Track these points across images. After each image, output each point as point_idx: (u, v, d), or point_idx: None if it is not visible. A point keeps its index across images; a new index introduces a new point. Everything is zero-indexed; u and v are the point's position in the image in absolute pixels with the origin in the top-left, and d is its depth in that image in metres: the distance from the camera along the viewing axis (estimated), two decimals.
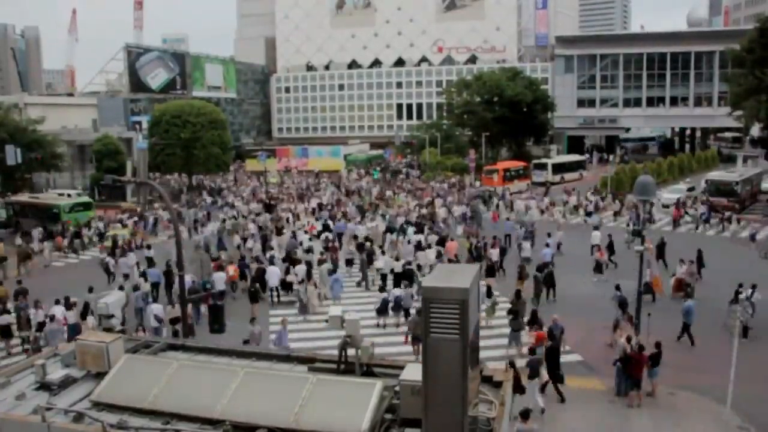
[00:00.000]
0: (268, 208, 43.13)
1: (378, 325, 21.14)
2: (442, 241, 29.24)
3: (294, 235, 32.08)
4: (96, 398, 7.38)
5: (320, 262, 26.18)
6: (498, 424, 6.73)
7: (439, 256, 26.88)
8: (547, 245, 27.94)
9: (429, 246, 28.58)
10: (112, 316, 17.88)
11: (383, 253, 28.27)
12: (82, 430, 6.79)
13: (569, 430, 14.22)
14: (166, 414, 6.97)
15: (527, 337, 18.91)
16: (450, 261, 26.01)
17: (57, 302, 20.41)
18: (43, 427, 6.76)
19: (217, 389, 7.15)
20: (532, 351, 17.13)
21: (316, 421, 6.56)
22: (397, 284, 23.44)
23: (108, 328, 15.61)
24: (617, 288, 20.44)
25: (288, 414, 6.68)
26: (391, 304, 21.26)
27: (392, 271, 24.77)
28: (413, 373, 6.56)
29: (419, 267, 26.11)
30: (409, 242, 29.38)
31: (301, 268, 24.45)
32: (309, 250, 28.30)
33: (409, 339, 18.80)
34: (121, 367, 7.77)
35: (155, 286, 24.68)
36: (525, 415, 12.00)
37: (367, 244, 29.02)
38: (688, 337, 19.12)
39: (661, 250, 27.54)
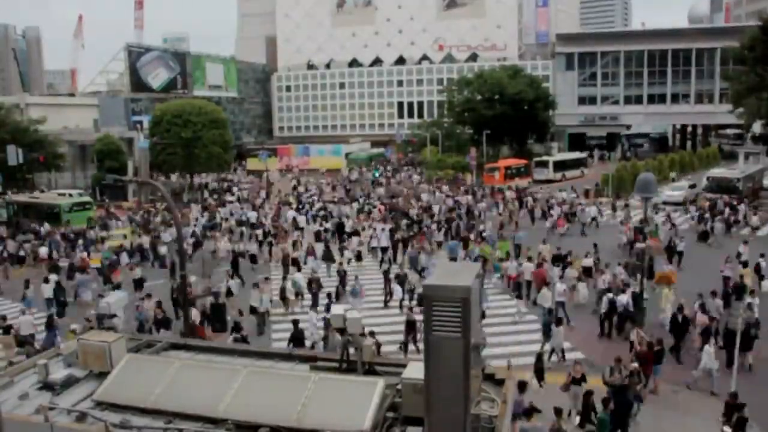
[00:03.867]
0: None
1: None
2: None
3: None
4: (99, 398, 7.38)
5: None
6: (500, 422, 6.73)
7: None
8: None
9: None
10: (114, 315, 17.90)
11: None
12: (85, 429, 6.79)
13: (571, 426, 14.20)
14: (168, 413, 6.96)
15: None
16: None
17: None
18: (46, 426, 6.75)
19: (220, 388, 7.15)
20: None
21: (318, 419, 6.56)
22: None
23: (110, 328, 15.62)
24: None
25: (290, 413, 6.68)
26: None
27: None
28: (415, 371, 6.55)
29: None
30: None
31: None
32: None
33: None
34: (123, 367, 7.77)
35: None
36: (528, 413, 12.01)
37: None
38: None
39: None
